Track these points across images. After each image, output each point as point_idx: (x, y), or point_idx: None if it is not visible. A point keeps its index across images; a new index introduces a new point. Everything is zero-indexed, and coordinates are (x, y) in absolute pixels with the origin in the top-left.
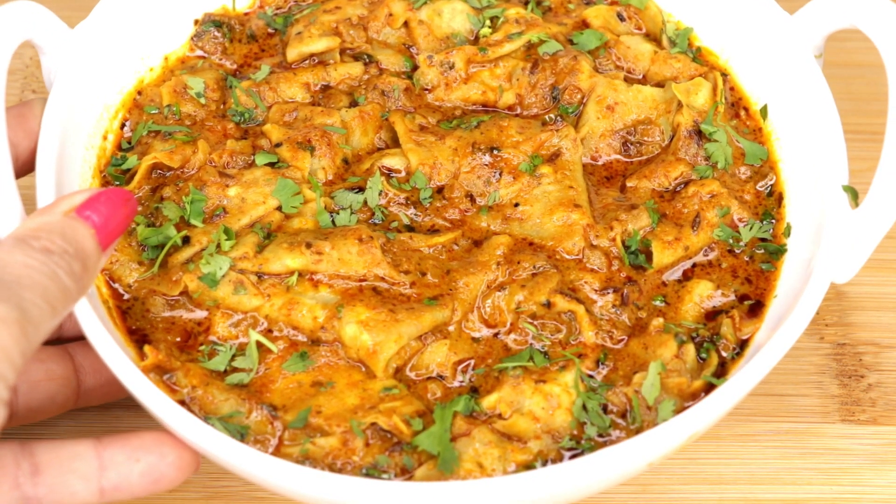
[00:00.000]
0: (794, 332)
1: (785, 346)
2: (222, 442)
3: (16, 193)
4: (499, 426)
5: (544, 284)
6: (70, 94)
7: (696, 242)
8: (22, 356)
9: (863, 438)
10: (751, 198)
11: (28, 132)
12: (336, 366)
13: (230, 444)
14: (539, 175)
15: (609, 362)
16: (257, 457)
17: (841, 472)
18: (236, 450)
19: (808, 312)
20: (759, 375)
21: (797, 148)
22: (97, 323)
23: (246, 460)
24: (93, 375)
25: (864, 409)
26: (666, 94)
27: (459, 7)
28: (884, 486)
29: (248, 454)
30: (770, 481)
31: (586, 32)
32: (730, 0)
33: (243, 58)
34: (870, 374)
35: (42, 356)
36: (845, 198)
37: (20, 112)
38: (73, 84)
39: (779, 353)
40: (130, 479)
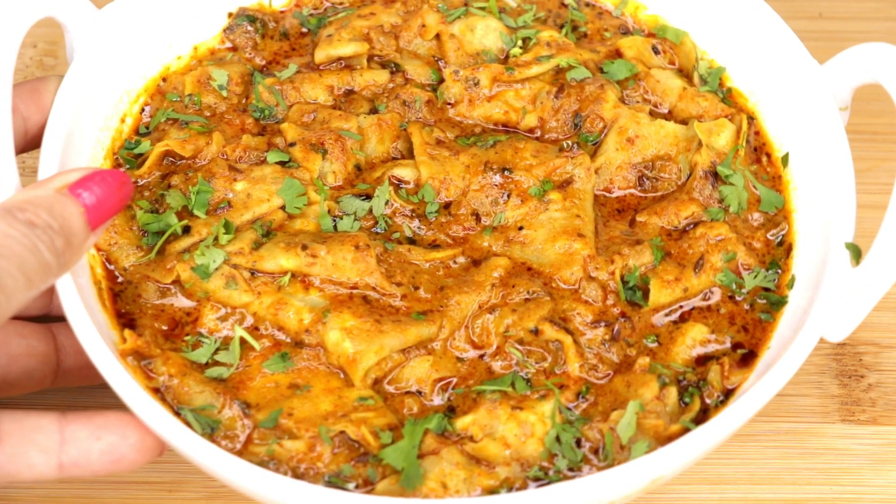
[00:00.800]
0: (775, 384)
1: (764, 398)
2: (181, 433)
3: (13, 165)
4: (469, 448)
5: (535, 311)
6: (88, 74)
7: (697, 285)
8: None
9: (863, 438)
10: (760, 245)
11: (40, 107)
12: (316, 370)
13: (189, 436)
14: (547, 201)
15: (590, 396)
16: (213, 452)
17: (841, 472)
18: (194, 443)
19: (792, 366)
20: (734, 425)
21: (812, 200)
22: (77, 302)
23: (202, 454)
24: (73, 357)
25: (864, 409)
26: (688, 132)
27: (493, 25)
28: (884, 486)
29: (204, 448)
30: (770, 481)
31: (617, 62)
32: (763, 44)
33: (273, 55)
34: (870, 374)
35: (25, 332)
36: (847, 255)
37: (35, 87)
38: (93, 65)
39: (757, 404)
40: (90, 457)
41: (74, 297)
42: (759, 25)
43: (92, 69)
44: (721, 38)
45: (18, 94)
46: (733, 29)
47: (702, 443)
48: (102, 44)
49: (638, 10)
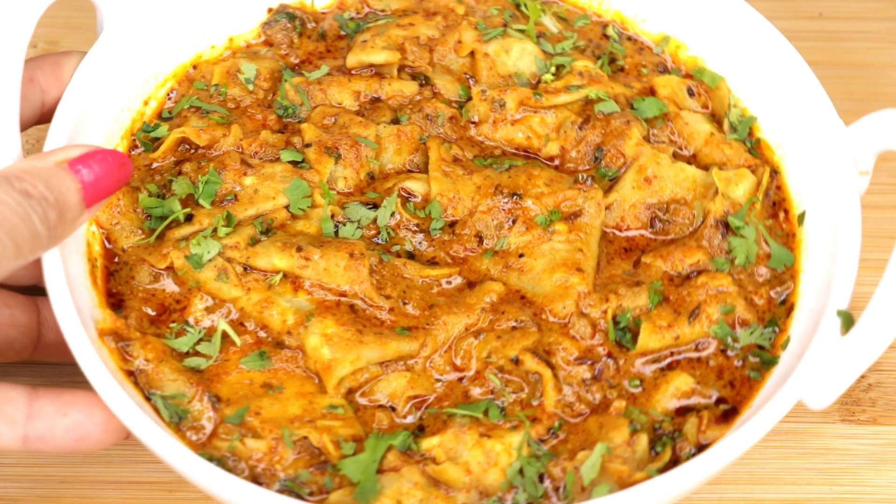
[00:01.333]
0: (747, 441)
1: (731, 454)
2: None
3: (17, 134)
4: (430, 470)
5: (520, 340)
6: (115, 53)
7: (689, 334)
8: None
9: (863, 438)
10: (762, 302)
11: (60, 80)
12: (292, 373)
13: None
14: (552, 231)
15: (562, 433)
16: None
17: (841, 472)
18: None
19: (764, 426)
20: (696, 479)
21: (820, 262)
22: (60, 277)
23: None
24: (55, 331)
25: (864, 409)
26: (707, 178)
27: (529, 48)
28: (884, 486)
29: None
30: (770, 481)
31: (648, 100)
32: (795, 99)
33: (307, 54)
34: (870, 374)
35: (10, 302)
36: (838, 323)
37: (57, 60)
38: (121, 45)
39: (723, 460)
40: (55, 433)
41: (59, 271)
42: (794, 81)
43: (119, 49)
44: (757, 88)
45: (39, 65)
46: (769, 80)
47: (659, 493)
48: (134, 26)
49: (679, 50)
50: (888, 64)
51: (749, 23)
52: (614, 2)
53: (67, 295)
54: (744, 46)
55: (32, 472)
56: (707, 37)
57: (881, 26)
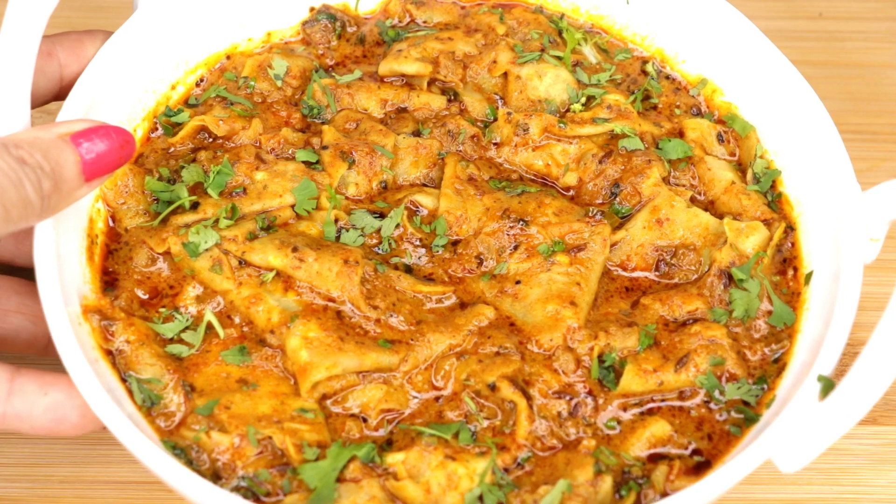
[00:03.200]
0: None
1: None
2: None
3: (27, 106)
4: (390, 485)
5: (500, 367)
6: (143, 35)
7: (673, 381)
8: None
9: (863, 438)
10: (756, 358)
11: (80, 57)
12: (269, 372)
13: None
14: (552, 261)
15: (528, 465)
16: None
17: (841, 472)
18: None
19: (726, 481)
20: None
21: (816, 325)
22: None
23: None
24: None
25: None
26: (720, 227)
27: (563, 76)
28: (884, 486)
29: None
30: (770, 481)
31: (674, 141)
32: (818, 158)
33: (343, 57)
34: None
35: (19, 289)
36: (817, 388)
37: (79, 37)
38: (151, 27)
39: None
40: (33, 412)
41: (49, 243)
42: (820, 139)
43: (151, 30)
44: (785, 141)
45: (61, 41)
46: (797, 135)
47: None
48: (169, 9)
49: (714, 94)
50: (888, 64)
51: (784, 75)
52: (658, 39)
53: (54, 268)
54: (776, 98)
55: (32, 472)
56: (743, 84)
57: (881, 26)
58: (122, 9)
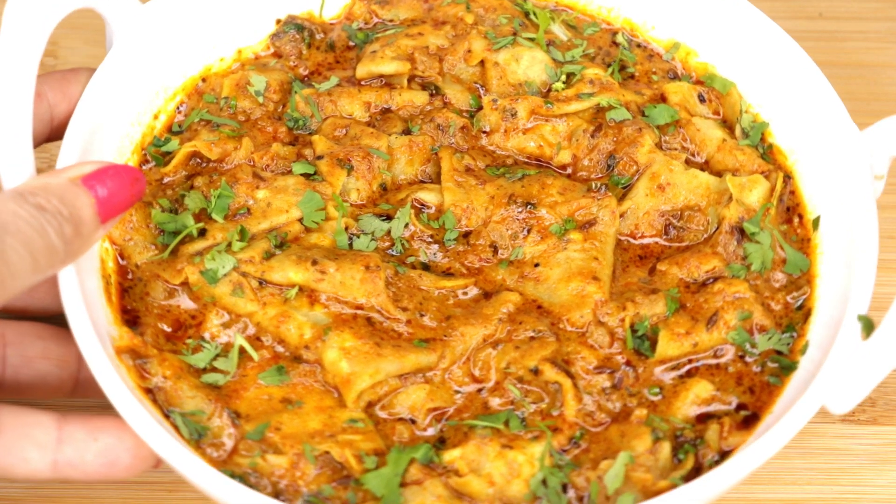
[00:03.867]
0: (771, 448)
1: (756, 461)
2: (160, 437)
3: (30, 151)
4: (453, 482)
5: (538, 350)
6: (124, 68)
7: (707, 341)
8: None
9: (863, 438)
10: (779, 307)
11: (68, 96)
12: (311, 387)
13: (168, 441)
14: (567, 240)
15: (583, 442)
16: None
17: (841, 472)
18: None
19: (787, 433)
20: (722, 486)
21: (837, 267)
22: (76, 293)
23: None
24: None
25: (864, 409)
26: (721, 185)
27: (539, 57)
28: (884, 486)
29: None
30: (770, 481)
31: (660, 107)
32: (807, 104)
33: (316, 65)
34: None
35: (43, 334)
36: (859, 327)
37: (65, 76)
38: (130, 59)
39: (747, 467)
40: (85, 458)
41: (74, 288)
42: (806, 85)
43: (129, 63)
44: (768, 93)
45: (47, 81)
46: (781, 86)
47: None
48: (142, 39)
49: (689, 56)
50: (888, 64)
51: (759, 28)
52: (623, 9)
53: (84, 312)
54: (754, 52)
55: None
56: (717, 43)
57: (881, 26)
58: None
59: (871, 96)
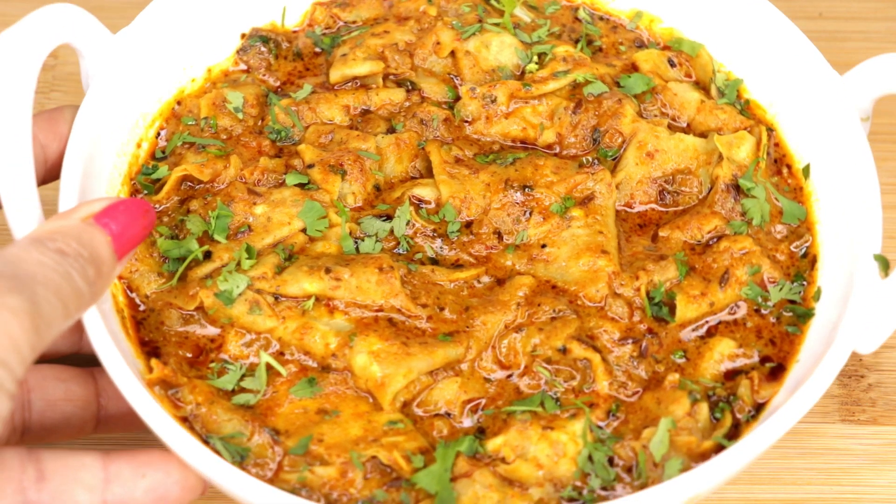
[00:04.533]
0: (810, 398)
1: (799, 413)
2: (215, 463)
3: (36, 197)
4: (501, 470)
5: (562, 329)
6: (105, 100)
7: (723, 299)
8: (31, 350)
9: (863, 438)
10: (784, 258)
11: (58, 136)
12: (344, 395)
13: (223, 466)
14: (569, 217)
15: (620, 414)
16: (250, 483)
17: (841, 472)
18: (228, 473)
19: (825, 380)
20: (770, 440)
21: (836, 211)
22: (104, 332)
23: (237, 484)
24: (115, 401)
25: (864, 409)
26: (708, 145)
27: (508, 41)
28: (884, 486)
29: (240, 480)
30: (770, 481)
31: (634, 76)
32: (781, 55)
33: (287, 75)
34: (870, 374)
35: (63, 375)
36: (876, 267)
37: (51, 116)
38: (109, 90)
39: (792, 419)
40: (134, 495)
41: (101, 327)
42: (776, 37)
43: (108, 95)
44: (738, 49)
45: (36, 123)
46: (750, 41)
47: (740, 458)
48: (118, 68)
49: (653, 24)
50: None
51: None
52: None
53: (115, 350)
54: (718, 11)
55: None
56: (680, 6)
57: (881, 26)
58: (122, 9)
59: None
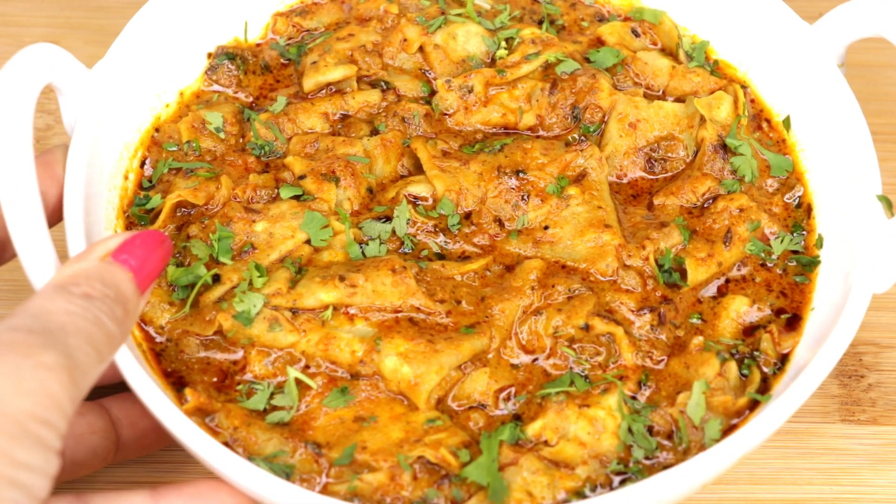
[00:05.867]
0: (840, 345)
1: (832, 361)
2: (273, 484)
3: (49, 240)
4: (545, 453)
5: (581, 307)
6: (91, 136)
7: (729, 258)
8: (72, 403)
9: (863, 438)
10: (779, 210)
11: (55, 179)
12: (377, 399)
13: (281, 485)
14: (567, 196)
15: (651, 383)
16: (308, 497)
17: (841, 472)
18: (288, 491)
19: (852, 326)
20: (808, 391)
21: (824, 158)
22: (138, 369)
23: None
24: (129, 428)
25: (864, 409)
26: (688, 109)
27: (474, 29)
28: (884, 486)
29: (298, 495)
30: (770, 481)
31: (602, 50)
32: (746, 12)
33: (258, 90)
34: (870, 374)
35: (82, 410)
36: (880, 207)
37: (45, 160)
38: (94, 126)
39: (827, 368)
40: None
41: (132, 361)
42: None
43: (94, 130)
44: (700, 12)
45: None
46: (712, 1)
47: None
48: (99, 103)
49: None
50: (888, 64)
51: None
52: None
53: (150, 381)
54: None
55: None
56: None
57: None
58: (122, 9)
59: (871, 96)
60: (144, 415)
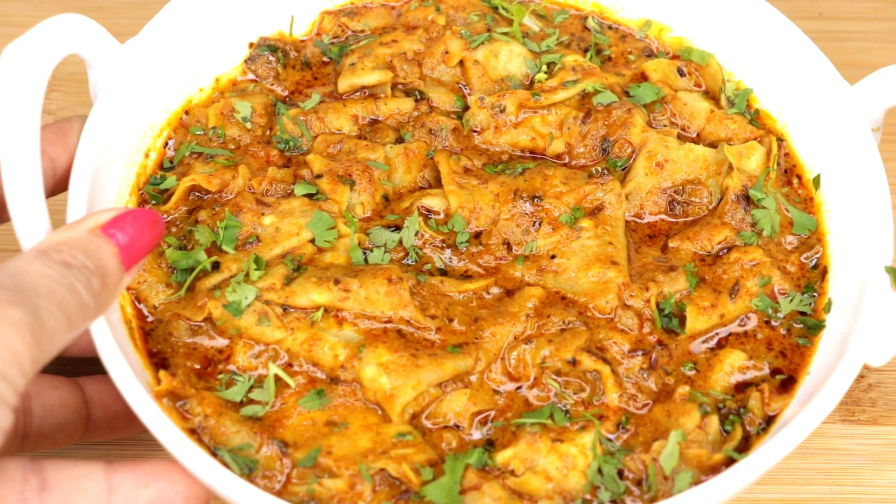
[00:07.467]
0: (821, 411)
1: (811, 426)
2: (222, 475)
3: (44, 208)
4: (511, 483)
5: (572, 341)
6: (113, 110)
7: (733, 311)
8: (33, 363)
9: (863, 438)
10: (794, 269)
11: (67, 148)
12: (352, 406)
13: (232, 480)
14: (579, 228)
15: (630, 426)
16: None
17: (841, 472)
18: (238, 487)
19: (837, 393)
20: (781, 454)
21: (847, 222)
22: (112, 345)
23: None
24: (101, 409)
25: (864, 409)
26: (718, 155)
27: (517, 50)
28: (884, 486)
29: (249, 493)
30: (770, 481)
31: (643, 85)
32: (791, 65)
33: (295, 84)
34: (870, 374)
35: (55, 383)
36: (887, 279)
37: (60, 128)
38: (117, 101)
39: (804, 433)
40: None
41: (109, 340)
42: (787, 46)
43: (116, 105)
44: (748, 59)
45: (44, 136)
46: (760, 50)
47: (751, 472)
48: (126, 79)
49: (662, 33)
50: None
51: None
52: None
53: (124, 362)
54: (729, 20)
55: None
56: (689, 16)
57: (881, 26)
58: (122, 9)
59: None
60: (118, 399)
